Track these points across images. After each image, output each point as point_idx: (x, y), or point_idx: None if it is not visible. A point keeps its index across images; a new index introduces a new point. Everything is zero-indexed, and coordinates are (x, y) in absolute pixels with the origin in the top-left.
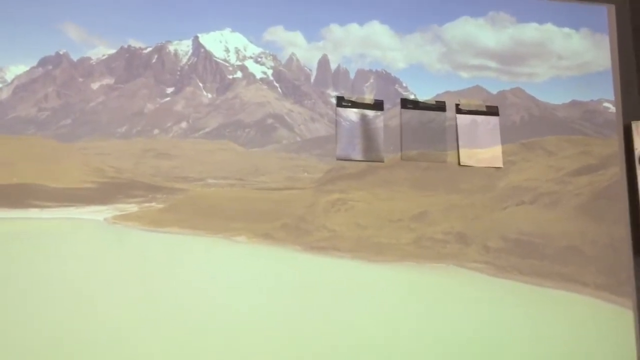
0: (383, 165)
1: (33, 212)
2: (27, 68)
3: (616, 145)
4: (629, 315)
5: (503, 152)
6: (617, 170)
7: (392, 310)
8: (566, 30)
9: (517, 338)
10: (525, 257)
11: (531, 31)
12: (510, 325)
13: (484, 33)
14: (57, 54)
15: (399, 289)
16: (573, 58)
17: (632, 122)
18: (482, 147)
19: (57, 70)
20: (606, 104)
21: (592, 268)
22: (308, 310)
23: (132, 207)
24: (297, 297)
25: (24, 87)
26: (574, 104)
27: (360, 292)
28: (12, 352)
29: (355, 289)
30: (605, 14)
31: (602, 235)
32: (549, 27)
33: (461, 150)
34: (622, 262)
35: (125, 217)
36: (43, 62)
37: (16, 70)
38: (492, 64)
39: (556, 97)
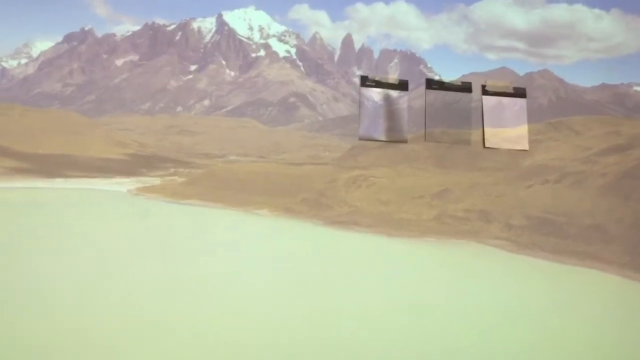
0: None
1: (58, 182)
2: (53, 44)
3: None
4: None
5: (529, 131)
6: None
7: (412, 284)
8: (597, 11)
9: (536, 313)
10: (548, 235)
11: (561, 12)
12: (530, 300)
13: (512, 13)
14: (82, 30)
15: (419, 264)
16: (603, 40)
17: None
18: (507, 128)
19: (82, 46)
20: (637, 88)
21: (616, 247)
22: (328, 282)
23: (154, 180)
24: (318, 270)
25: (49, 62)
26: (603, 87)
27: (380, 266)
28: (32, 316)
29: (375, 263)
30: None
31: (627, 214)
32: (579, 7)
33: (486, 132)
34: None
35: (148, 189)
36: (68, 38)
37: (42, 46)
38: (520, 45)
39: (585, 80)
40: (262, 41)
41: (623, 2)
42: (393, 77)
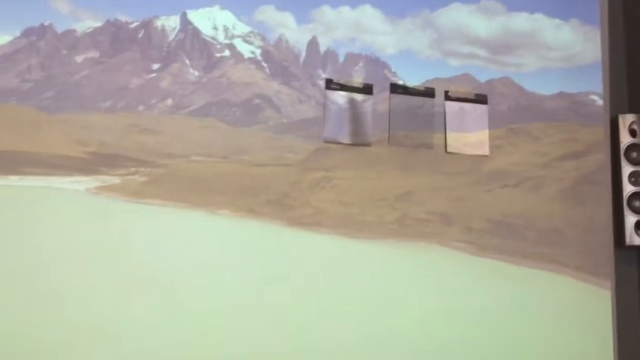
0: (370, 146)
1: (13, 180)
2: (11, 38)
3: (601, 133)
4: (606, 295)
5: (489, 137)
6: (601, 157)
7: (374, 285)
8: (556, 21)
9: (495, 314)
10: (508, 238)
11: (521, 21)
12: (490, 301)
13: (475, 21)
14: (42, 25)
15: (382, 265)
16: (562, 49)
17: (619, 115)
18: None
19: (41, 41)
20: (593, 96)
21: (572, 250)
22: (290, 284)
23: (114, 179)
24: (280, 271)
25: (6, 57)
26: (561, 95)
27: (343, 267)
28: None
29: (338, 264)
30: (597, 5)
31: (583, 218)
32: (539, 17)
33: (449, 137)
34: (601, 245)
35: (108, 188)
36: (27, 32)
37: None
38: (482, 52)
39: (544, 88)
40: (226, 41)
41: (581, 12)
42: (358, 80)
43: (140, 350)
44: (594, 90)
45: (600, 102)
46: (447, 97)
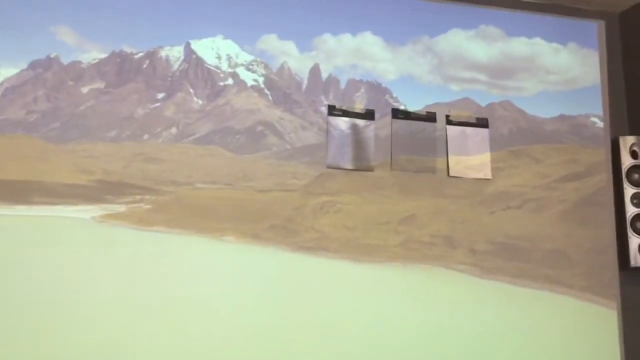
0: (372, 171)
1: (20, 210)
2: (17, 71)
3: (602, 154)
4: (612, 315)
5: (491, 160)
6: (602, 178)
7: (379, 309)
8: (554, 45)
9: (501, 337)
10: (511, 260)
11: (520, 45)
12: (495, 324)
13: (474, 46)
14: (48, 57)
15: (386, 289)
16: (561, 73)
17: (619, 137)
18: (471, 156)
19: (47, 73)
20: (594, 119)
21: (576, 271)
22: (295, 310)
23: (120, 207)
24: (285, 296)
25: (13, 89)
26: (562, 118)
27: (347, 291)
28: None
29: (342, 288)
30: (594, 30)
31: (586, 239)
32: (538, 41)
33: (451, 160)
34: (605, 266)
35: (113, 216)
36: (33, 65)
37: (6, 72)
38: (482, 77)
39: (544, 111)
40: (230, 70)
41: (579, 36)
42: (360, 106)
43: None
44: (594, 112)
45: (600, 124)
46: (449, 122)
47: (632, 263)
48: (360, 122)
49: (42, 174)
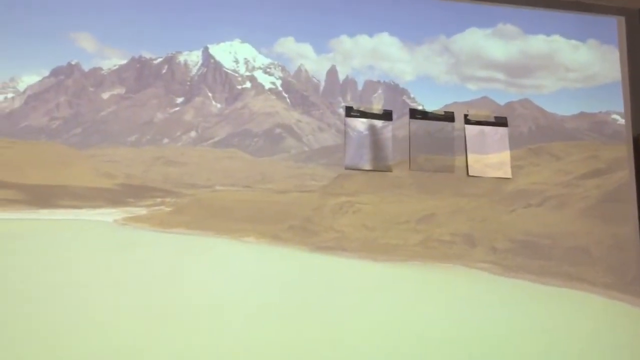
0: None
1: (43, 214)
2: (40, 78)
3: (623, 150)
4: (637, 313)
5: (511, 158)
6: (624, 174)
7: (399, 308)
8: (573, 42)
9: (524, 335)
10: (532, 258)
11: (539, 43)
12: (517, 322)
13: (491, 45)
14: (69, 64)
15: (406, 288)
16: (581, 70)
17: None
18: (490, 155)
19: (69, 80)
20: (615, 116)
21: (599, 268)
22: (315, 309)
23: (141, 210)
24: (305, 296)
25: (36, 96)
26: (582, 115)
27: (367, 290)
28: (15, 352)
29: (362, 287)
30: (614, 25)
31: (608, 236)
32: (557, 38)
33: (470, 159)
34: (629, 262)
35: (135, 219)
36: (55, 72)
37: (29, 80)
38: (500, 75)
39: (564, 109)
40: (247, 73)
41: (598, 33)
42: (377, 107)
43: None
44: (615, 109)
45: (622, 121)
46: (467, 121)
47: None
48: (378, 123)
49: (64, 179)
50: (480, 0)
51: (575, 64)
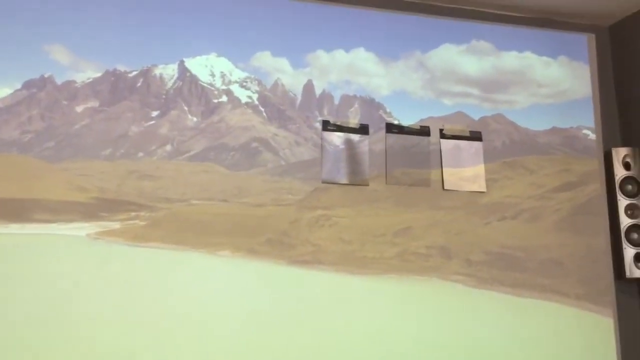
0: (367, 186)
1: (14, 228)
2: (11, 91)
3: (594, 163)
4: (608, 323)
5: (485, 171)
6: (596, 187)
7: (376, 321)
8: (545, 58)
9: (498, 347)
10: (507, 270)
11: (511, 59)
12: (492, 334)
13: (465, 61)
14: (42, 77)
15: (383, 301)
16: (552, 86)
17: (612, 148)
18: (465, 169)
19: (41, 93)
20: (586, 131)
21: (571, 279)
22: (292, 323)
23: (114, 224)
24: (281, 310)
25: (7, 109)
26: (554, 130)
27: (344, 304)
28: None
29: (339, 301)
30: (584, 43)
31: (581, 248)
32: (529, 55)
33: (445, 173)
34: (600, 273)
35: (108, 233)
36: (27, 85)
37: (0, 93)
38: (474, 91)
39: (537, 124)
40: (224, 87)
41: (569, 50)
42: (354, 121)
43: None
44: (586, 124)
45: (592, 136)
46: (442, 135)
47: (628, 274)
48: (355, 137)
49: (36, 192)
50: (455, 17)
51: (546, 79)
